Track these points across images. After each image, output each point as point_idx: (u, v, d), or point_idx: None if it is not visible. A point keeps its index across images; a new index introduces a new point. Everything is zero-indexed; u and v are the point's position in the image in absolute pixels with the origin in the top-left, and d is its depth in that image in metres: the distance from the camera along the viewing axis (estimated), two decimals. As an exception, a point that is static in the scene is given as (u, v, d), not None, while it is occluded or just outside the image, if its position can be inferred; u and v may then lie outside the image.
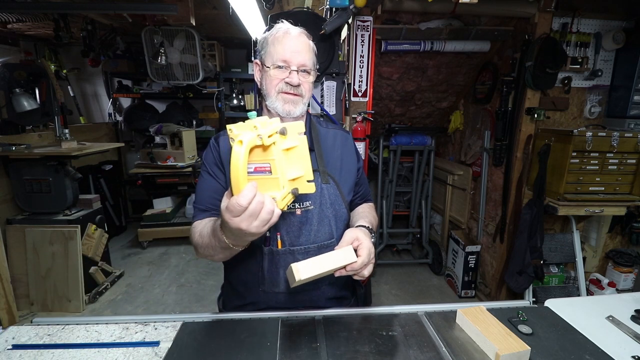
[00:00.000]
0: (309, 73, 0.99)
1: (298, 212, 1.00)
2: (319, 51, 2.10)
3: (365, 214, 1.09)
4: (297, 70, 0.97)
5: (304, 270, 0.77)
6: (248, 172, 0.67)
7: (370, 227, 0.98)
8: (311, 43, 1.02)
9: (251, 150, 0.66)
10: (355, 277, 0.87)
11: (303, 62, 0.97)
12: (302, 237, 1.00)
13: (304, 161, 0.74)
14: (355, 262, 0.83)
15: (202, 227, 0.90)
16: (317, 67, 1.05)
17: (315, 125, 1.11)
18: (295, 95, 0.99)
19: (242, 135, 0.64)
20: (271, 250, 0.99)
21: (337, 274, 0.84)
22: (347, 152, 1.12)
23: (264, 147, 0.68)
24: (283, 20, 1.03)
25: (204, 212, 0.98)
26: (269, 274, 1.01)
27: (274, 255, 0.99)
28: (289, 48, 0.96)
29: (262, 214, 0.66)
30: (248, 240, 0.76)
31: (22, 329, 0.91)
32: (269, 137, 0.66)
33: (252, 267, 1.03)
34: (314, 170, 1.01)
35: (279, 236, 0.99)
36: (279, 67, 0.97)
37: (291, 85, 0.97)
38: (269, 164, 0.68)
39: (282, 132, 0.69)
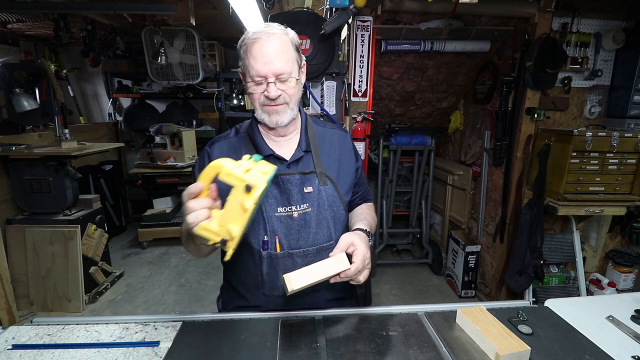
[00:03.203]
0: (288, 79, 0.92)
1: (295, 214, 0.99)
2: (319, 51, 2.12)
3: (364, 215, 1.08)
4: (274, 82, 0.91)
5: (297, 280, 0.78)
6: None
7: (368, 230, 0.97)
8: (289, 38, 0.93)
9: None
10: (351, 282, 0.86)
11: (279, 72, 0.90)
12: (300, 240, 0.99)
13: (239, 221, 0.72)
14: (349, 269, 0.82)
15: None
16: (303, 62, 0.98)
17: (312, 126, 1.09)
18: (279, 105, 0.94)
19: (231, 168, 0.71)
20: (270, 254, 0.98)
21: (332, 281, 0.83)
22: (345, 152, 1.10)
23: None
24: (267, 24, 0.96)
25: None
26: (268, 278, 1.01)
27: (273, 259, 0.99)
28: (261, 59, 0.89)
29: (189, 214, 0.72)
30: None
31: (22, 329, 0.91)
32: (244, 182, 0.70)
33: (251, 270, 1.03)
34: (310, 172, 1.01)
35: (277, 239, 0.98)
36: (256, 82, 0.92)
37: (270, 98, 0.92)
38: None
39: (247, 189, 0.70)
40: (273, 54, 0.89)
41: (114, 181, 4.09)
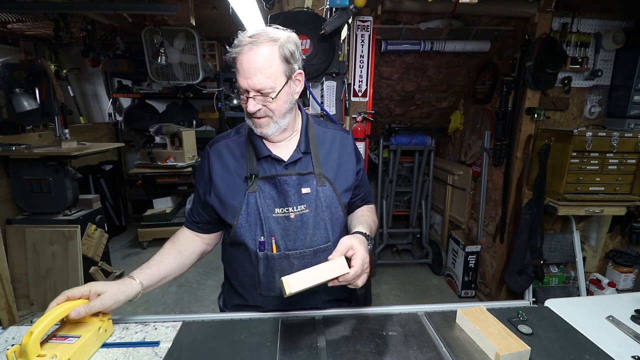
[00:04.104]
0: (268, 95, 0.88)
1: (292, 216, 0.98)
2: (319, 51, 2.12)
3: (365, 217, 1.07)
4: (253, 97, 0.89)
5: (294, 284, 0.78)
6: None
7: (367, 234, 0.95)
8: (277, 48, 0.87)
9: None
10: (349, 287, 0.85)
11: (258, 87, 0.87)
12: (297, 241, 0.99)
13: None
14: (348, 273, 0.81)
15: (172, 239, 1.10)
16: (296, 70, 0.93)
17: (313, 126, 1.08)
18: (260, 118, 0.92)
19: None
20: (266, 255, 0.98)
21: (330, 284, 0.82)
22: (346, 154, 1.09)
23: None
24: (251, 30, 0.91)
25: (187, 220, 1.13)
26: (264, 278, 1.01)
27: (269, 260, 0.99)
28: (242, 72, 0.87)
29: None
30: None
31: (22, 329, 0.91)
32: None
33: (248, 270, 1.03)
34: (309, 173, 1.00)
35: (273, 240, 0.98)
36: (242, 92, 0.91)
37: (248, 112, 0.92)
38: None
39: None
40: (253, 69, 0.86)
41: (114, 181, 4.09)
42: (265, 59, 0.86)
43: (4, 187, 2.63)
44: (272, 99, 0.89)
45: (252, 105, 0.89)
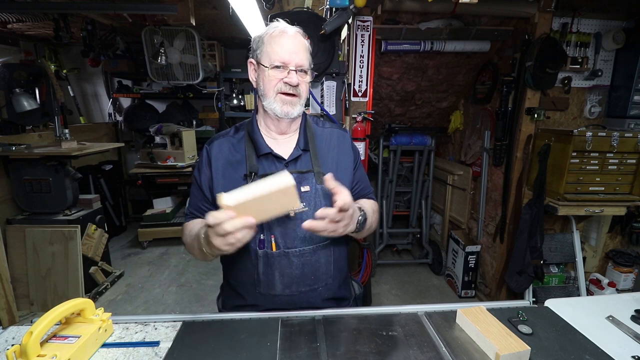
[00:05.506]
0: (306, 73, 1.00)
1: (291, 214, 0.99)
2: (319, 51, 2.12)
3: (361, 202, 1.07)
4: (295, 70, 0.97)
5: (232, 197, 0.74)
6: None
7: (362, 209, 0.97)
8: (307, 43, 1.02)
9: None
10: (329, 229, 0.83)
11: (301, 63, 0.97)
12: (297, 239, 0.99)
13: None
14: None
15: (192, 227, 1.00)
16: (312, 66, 1.05)
17: (311, 125, 1.10)
18: (294, 95, 0.99)
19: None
20: (266, 253, 0.99)
21: (307, 225, 0.81)
22: (344, 151, 1.10)
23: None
24: (279, 19, 1.03)
25: (189, 216, 1.08)
26: (264, 277, 1.01)
27: (269, 258, 0.99)
28: (287, 48, 0.96)
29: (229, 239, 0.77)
30: (221, 252, 0.84)
31: (22, 329, 0.91)
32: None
33: (248, 269, 1.03)
34: (308, 171, 1.01)
35: (273, 238, 0.98)
36: (277, 67, 0.96)
37: (290, 85, 0.97)
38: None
39: None
40: (298, 46, 0.98)
41: (114, 181, 4.09)
42: (304, 43, 1.01)
43: (4, 187, 2.63)
44: (311, 73, 1.02)
45: (295, 77, 0.97)
